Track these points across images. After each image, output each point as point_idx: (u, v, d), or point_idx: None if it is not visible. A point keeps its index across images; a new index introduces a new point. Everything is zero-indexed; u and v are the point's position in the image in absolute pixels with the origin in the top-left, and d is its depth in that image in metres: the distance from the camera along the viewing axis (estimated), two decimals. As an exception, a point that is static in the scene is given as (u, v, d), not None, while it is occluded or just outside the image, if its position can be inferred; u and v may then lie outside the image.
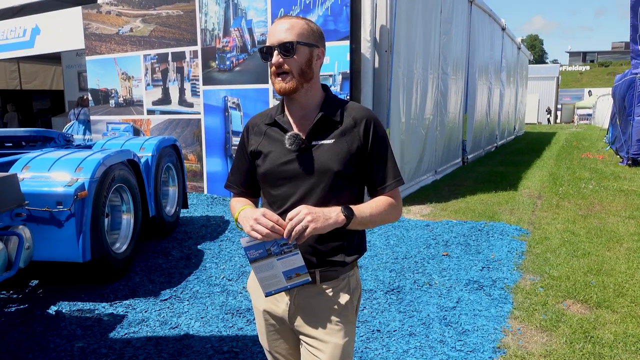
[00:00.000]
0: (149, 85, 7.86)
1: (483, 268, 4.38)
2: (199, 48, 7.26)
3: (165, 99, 7.75)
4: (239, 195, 1.72)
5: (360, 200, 1.59)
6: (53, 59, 13.15)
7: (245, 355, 2.98)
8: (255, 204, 1.70)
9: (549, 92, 36.52)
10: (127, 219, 4.41)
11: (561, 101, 40.20)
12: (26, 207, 3.34)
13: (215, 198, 7.21)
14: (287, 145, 1.55)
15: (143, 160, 4.84)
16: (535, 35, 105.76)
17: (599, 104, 28.53)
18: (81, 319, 3.46)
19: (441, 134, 9.31)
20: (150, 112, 7.92)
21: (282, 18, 1.56)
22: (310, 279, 1.51)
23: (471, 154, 11.92)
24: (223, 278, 4.21)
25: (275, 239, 1.43)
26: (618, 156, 11.85)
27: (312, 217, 1.41)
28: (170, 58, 7.55)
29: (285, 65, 1.51)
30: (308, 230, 1.41)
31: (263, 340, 1.73)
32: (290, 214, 1.43)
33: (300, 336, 1.62)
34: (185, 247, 4.97)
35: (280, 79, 1.53)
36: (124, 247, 4.26)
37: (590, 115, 34.02)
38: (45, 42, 9.33)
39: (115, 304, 3.70)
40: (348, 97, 6.15)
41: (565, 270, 4.30)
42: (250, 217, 1.46)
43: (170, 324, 3.41)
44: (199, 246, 5.02)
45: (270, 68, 1.54)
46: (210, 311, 3.59)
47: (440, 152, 9.43)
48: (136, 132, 7.94)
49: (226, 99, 7.15)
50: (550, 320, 3.36)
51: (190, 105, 7.50)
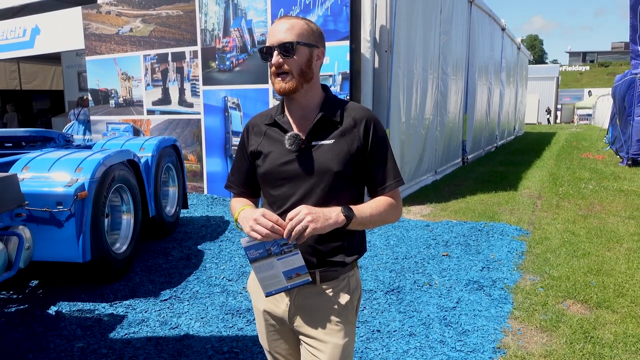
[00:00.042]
0: (148, 85, 7.86)
1: (483, 268, 4.38)
2: (198, 48, 7.26)
3: (165, 99, 7.75)
4: (239, 195, 1.72)
5: (360, 201, 1.59)
6: (53, 59, 13.16)
7: (245, 356, 2.98)
8: (256, 204, 1.70)
9: (549, 92, 36.53)
10: (127, 219, 4.41)
11: (561, 101, 40.21)
12: (26, 208, 3.34)
13: (215, 198, 7.21)
14: (287, 146, 1.55)
15: (143, 160, 4.84)
16: (535, 36, 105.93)
17: (599, 104, 28.53)
18: (81, 319, 3.46)
19: (441, 134, 9.31)
20: (150, 112, 7.92)
21: (282, 18, 1.56)
22: (311, 279, 1.51)
23: (471, 154, 11.92)
24: (223, 278, 4.21)
25: (275, 239, 1.43)
26: (618, 156, 11.86)
27: (312, 217, 1.41)
28: (170, 58, 7.56)
29: (285, 66, 1.51)
30: (308, 231, 1.41)
31: (263, 341, 1.73)
32: (290, 214, 1.43)
33: (300, 336, 1.62)
34: (185, 248, 4.97)
35: (280, 79, 1.53)
36: (124, 248, 4.26)
37: (590, 115, 34.02)
38: (45, 42, 9.33)
39: (115, 304, 3.70)
40: (348, 97, 6.15)
41: (565, 270, 4.30)
42: (249, 218, 1.47)
43: (170, 324, 3.41)
44: (199, 246, 5.02)
45: (270, 68, 1.54)
46: (210, 311, 3.59)
47: (440, 152, 9.43)
48: (136, 132, 7.94)
49: (226, 99, 7.15)
50: (550, 320, 3.36)
51: (190, 105, 7.50)
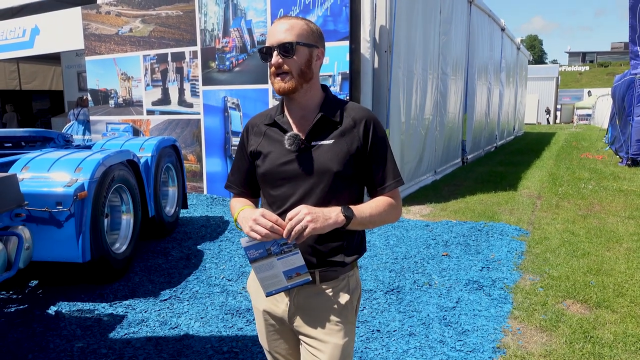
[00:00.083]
0: (148, 85, 7.86)
1: (483, 268, 4.38)
2: (198, 48, 7.26)
3: (164, 99, 7.75)
4: (239, 195, 1.72)
5: (360, 201, 1.59)
6: (52, 59, 13.16)
7: (245, 356, 2.98)
8: (255, 204, 1.70)
9: (549, 93, 36.54)
10: (127, 219, 4.41)
11: (560, 101, 40.21)
12: (26, 208, 3.34)
13: (215, 198, 7.21)
14: (287, 146, 1.55)
15: (143, 160, 4.84)
16: (535, 36, 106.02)
17: (599, 104, 28.54)
18: (81, 319, 3.46)
19: (441, 134, 9.31)
20: (149, 113, 7.92)
21: (282, 18, 1.56)
22: (311, 279, 1.51)
23: (471, 154, 11.93)
24: (223, 278, 4.21)
25: (274, 239, 1.43)
26: (617, 156, 11.86)
27: (312, 217, 1.41)
28: (169, 58, 7.56)
29: (285, 66, 1.51)
30: (307, 230, 1.41)
31: (263, 341, 1.73)
32: (289, 214, 1.43)
33: (300, 336, 1.62)
34: (185, 247, 4.97)
35: (279, 79, 1.53)
36: (124, 248, 4.26)
37: (589, 115, 34.02)
38: (44, 43, 9.33)
39: (115, 304, 3.70)
40: (348, 98, 6.15)
41: (565, 270, 4.31)
42: (249, 218, 1.47)
43: (170, 324, 3.41)
44: (198, 246, 5.02)
45: (270, 68, 1.54)
46: (210, 311, 3.59)
47: (440, 152, 9.43)
48: (136, 133, 7.94)
49: (226, 99, 7.15)
50: (550, 320, 3.36)
51: (190, 105, 7.50)
